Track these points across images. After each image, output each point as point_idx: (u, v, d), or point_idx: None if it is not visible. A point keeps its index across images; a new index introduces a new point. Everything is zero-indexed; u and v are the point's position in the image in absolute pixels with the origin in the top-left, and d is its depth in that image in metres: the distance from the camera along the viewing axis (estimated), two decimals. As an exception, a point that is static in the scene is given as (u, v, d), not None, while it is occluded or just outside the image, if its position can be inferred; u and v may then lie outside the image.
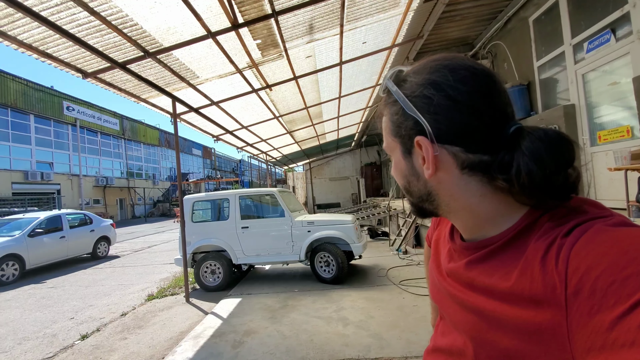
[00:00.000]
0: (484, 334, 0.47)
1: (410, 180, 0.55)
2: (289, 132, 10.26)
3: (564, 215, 0.44)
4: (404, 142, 0.53)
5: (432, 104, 0.48)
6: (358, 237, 5.42)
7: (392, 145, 0.55)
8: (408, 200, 0.59)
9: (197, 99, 5.71)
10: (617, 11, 3.61)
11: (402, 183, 0.57)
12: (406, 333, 3.33)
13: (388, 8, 4.51)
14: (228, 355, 3.16)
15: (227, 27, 3.76)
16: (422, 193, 0.54)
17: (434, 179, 0.51)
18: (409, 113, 0.50)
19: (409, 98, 0.50)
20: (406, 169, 0.55)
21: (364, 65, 6.34)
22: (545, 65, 4.96)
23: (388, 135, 0.55)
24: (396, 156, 0.56)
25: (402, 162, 0.55)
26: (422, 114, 0.48)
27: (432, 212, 0.56)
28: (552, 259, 0.40)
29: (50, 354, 3.62)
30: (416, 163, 0.52)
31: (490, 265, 0.48)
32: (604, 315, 0.33)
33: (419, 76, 0.50)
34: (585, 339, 0.34)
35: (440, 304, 0.63)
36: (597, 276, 0.35)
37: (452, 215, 0.55)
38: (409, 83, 0.51)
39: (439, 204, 0.53)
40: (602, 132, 4.02)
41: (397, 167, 0.57)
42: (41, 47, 3.34)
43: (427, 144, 0.49)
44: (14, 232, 7.72)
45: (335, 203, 18.16)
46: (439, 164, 0.49)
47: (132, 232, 16.79)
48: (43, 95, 21.59)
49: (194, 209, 5.83)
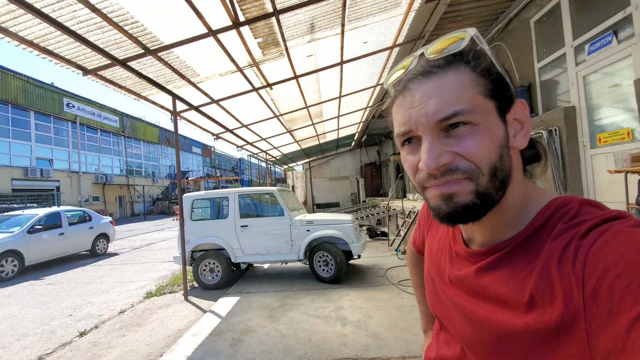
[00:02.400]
0: (495, 345, 0.45)
1: (504, 154, 0.45)
2: (289, 131, 10.26)
3: (573, 217, 0.43)
4: (501, 105, 0.46)
5: (507, 72, 0.47)
6: (357, 237, 5.42)
7: (484, 108, 0.45)
8: (480, 187, 0.45)
9: (198, 97, 5.70)
10: (620, 13, 3.60)
11: (495, 157, 0.44)
12: (404, 333, 3.33)
13: (389, 8, 4.50)
14: (226, 354, 3.16)
15: (229, 26, 3.76)
16: (507, 173, 0.46)
17: (513, 155, 0.47)
18: (503, 75, 0.46)
19: (497, 62, 0.47)
20: (503, 139, 0.45)
21: (365, 65, 6.33)
22: (546, 66, 4.95)
23: (475, 96, 0.44)
24: (489, 122, 0.45)
25: (500, 128, 0.45)
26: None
27: (495, 203, 0.46)
28: (569, 261, 0.38)
29: (49, 350, 3.62)
30: (510, 131, 0.47)
31: (502, 273, 0.46)
32: (622, 317, 0.32)
33: (487, 46, 0.47)
34: (605, 342, 0.33)
35: (442, 314, 0.59)
36: (614, 277, 0.33)
37: (495, 208, 0.47)
38: (481, 50, 0.47)
39: (506, 190, 0.46)
40: (602, 135, 4.02)
41: (491, 137, 0.44)
42: (42, 43, 3.33)
43: (527, 109, 0.46)
44: (13, 229, 7.72)
45: (334, 203, 18.17)
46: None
47: (131, 230, 16.78)
48: (43, 92, 21.56)
49: (194, 207, 5.83)
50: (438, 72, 0.45)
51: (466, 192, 0.45)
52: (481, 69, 0.45)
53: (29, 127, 20.63)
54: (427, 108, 0.44)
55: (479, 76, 0.45)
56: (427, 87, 0.45)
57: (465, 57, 0.45)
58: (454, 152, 0.44)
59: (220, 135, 8.40)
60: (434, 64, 0.46)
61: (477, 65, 0.45)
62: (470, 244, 0.55)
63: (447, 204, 0.46)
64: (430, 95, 0.44)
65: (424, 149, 0.45)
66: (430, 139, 0.45)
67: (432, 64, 0.46)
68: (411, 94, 0.46)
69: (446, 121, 0.44)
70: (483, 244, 0.51)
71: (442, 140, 0.45)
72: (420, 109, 0.45)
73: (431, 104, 0.44)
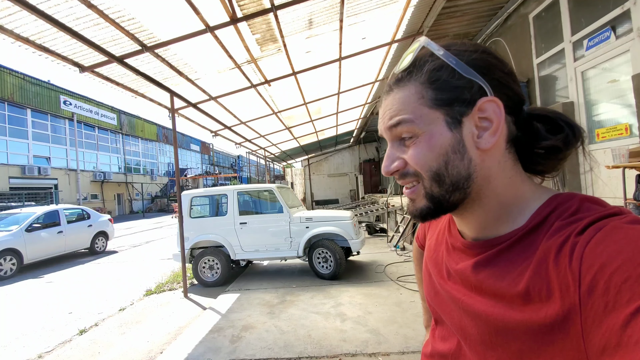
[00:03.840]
0: (492, 338, 0.45)
1: (449, 160, 0.47)
2: (288, 128, 10.24)
3: (573, 214, 0.43)
4: (452, 111, 0.46)
5: (489, 68, 0.47)
6: (356, 234, 5.43)
7: (427, 118, 0.47)
8: (427, 192, 0.49)
9: (196, 94, 5.67)
10: (618, 8, 3.59)
11: (436, 165, 0.47)
12: (404, 329, 3.35)
13: (388, 3, 4.48)
14: (226, 350, 3.18)
15: (226, 22, 3.73)
16: (460, 176, 0.47)
17: (480, 156, 0.47)
18: (465, 76, 0.46)
19: (464, 61, 0.47)
20: (449, 145, 0.47)
21: (363, 61, 6.31)
22: (545, 62, 4.95)
23: (418, 108, 0.47)
24: (431, 131, 0.47)
25: (444, 136, 0.47)
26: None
27: (454, 204, 0.49)
28: (566, 257, 0.38)
29: (49, 349, 3.63)
30: (466, 135, 0.47)
31: (499, 267, 0.46)
32: (618, 312, 0.32)
33: (465, 46, 0.48)
34: (600, 338, 0.33)
35: (439, 308, 0.59)
36: (611, 273, 0.34)
37: (472, 207, 0.50)
38: (453, 50, 0.48)
39: (469, 191, 0.48)
40: (600, 130, 4.03)
41: (430, 146, 0.47)
42: (38, 40, 3.31)
43: (498, 107, 0.46)
44: (12, 227, 7.70)
45: (333, 199, 18.18)
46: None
47: (130, 228, 16.77)
48: (40, 90, 21.42)
49: (192, 204, 5.83)
50: (394, 88, 0.51)
51: (421, 196, 0.50)
52: (423, 81, 0.48)
53: (25, 125, 20.52)
54: (383, 118, 0.52)
55: (424, 88, 0.48)
56: (386, 101, 0.52)
57: (411, 72, 0.50)
58: (404, 159, 0.50)
59: (218, 132, 8.38)
60: (393, 81, 0.52)
61: (419, 79, 0.48)
62: (466, 236, 0.55)
63: (410, 206, 0.53)
64: (385, 108, 0.52)
65: (385, 155, 0.53)
66: (390, 147, 0.52)
67: (392, 82, 0.52)
68: (381, 105, 0.54)
69: (394, 129, 0.50)
70: (475, 238, 0.52)
71: (398, 147, 0.51)
72: (381, 118, 0.53)
73: (386, 115, 0.51)
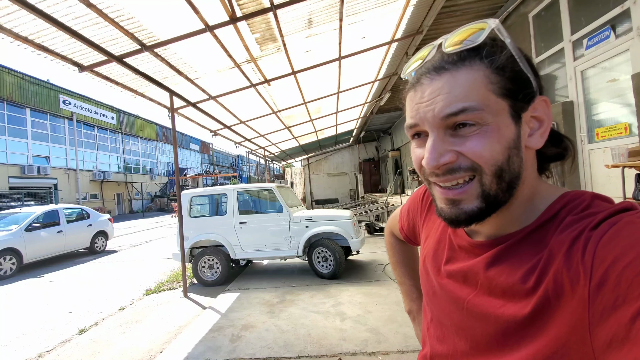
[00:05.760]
0: (500, 339, 0.44)
1: (512, 155, 0.44)
2: (287, 128, 10.23)
3: (584, 209, 0.42)
4: (515, 105, 0.44)
5: (536, 69, 0.46)
6: (356, 233, 5.43)
7: (494, 107, 0.43)
8: (485, 189, 0.44)
9: (195, 93, 5.67)
10: (617, 8, 3.60)
11: (502, 159, 0.43)
12: (403, 328, 3.35)
13: (388, 2, 4.48)
14: (226, 350, 3.18)
15: (226, 21, 3.73)
16: (514, 175, 0.44)
17: (526, 155, 0.46)
18: (524, 72, 0.44)
19: (523, 56, 0.44)
20: (512, 140, 0.44)
21: (363, 60, 6.31)
22: (545, 61, 4.95)
23: (486, 94, 0.43)
24: (499, 122, 0.43)
25: (510, 129, 0.44)
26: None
27: (499, 206, 0.45)
28: (579, 252, 0.38)
29: (49, 348, 3.63)
30: (524, 131, 0.45)
31: (509, 263, 0.45)
32: (628, 306, 0.32)
33: (509, 39, 0.44)
34: (607, 331, 0.33)
35: (437, 309, 0.57)
36: (624, 267, 0.33)
37: (501, 208, 0.46)
38: (499, 44, 0.45)
39: (515, 191, 0.45)
40: (599, 129, 4.03)
41: (499, 137, 0.43)
42: (37, 39, 3.30)
43: (548, 107, 0.45)
44: (11, 227, 7.69)
45: (333, 199, 18.20)
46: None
47: (130, 227, 16.76)
48: (39, 89, 21.38)
49: (192, 204, 5.82)
50: (450, 68, 0.44)
51: (473, 196, 0.45)
52: (496, 65, 0.43)
53: (25, 124, 20.49)
54: (434, 104, 0.44)
55: (493, 73, 0.43)
56: (438, 83, 0.44)
57: (480, 53, 0.44)
58: (457, 152, 0.44)
59: (218, 131, 8.37)
60: (447, 59, 0.45)
61: (492, 62, 0.43)
62: (473, 235, 0.53)
63: (450, 209, 0.47)
64: (439, 91, 0.44)
65: (428, 146, 0.45)
66: (435, 137, 0.45)
67: (446, 59, 0.45)
68: (422, 89, 0.46)
69: (453, 118, 0.43)
70: (488, 237, 0.51)
71: (446, 138, 0.45)
72: (428, 104, 0.45)
73: (439, 100, 0.44)
